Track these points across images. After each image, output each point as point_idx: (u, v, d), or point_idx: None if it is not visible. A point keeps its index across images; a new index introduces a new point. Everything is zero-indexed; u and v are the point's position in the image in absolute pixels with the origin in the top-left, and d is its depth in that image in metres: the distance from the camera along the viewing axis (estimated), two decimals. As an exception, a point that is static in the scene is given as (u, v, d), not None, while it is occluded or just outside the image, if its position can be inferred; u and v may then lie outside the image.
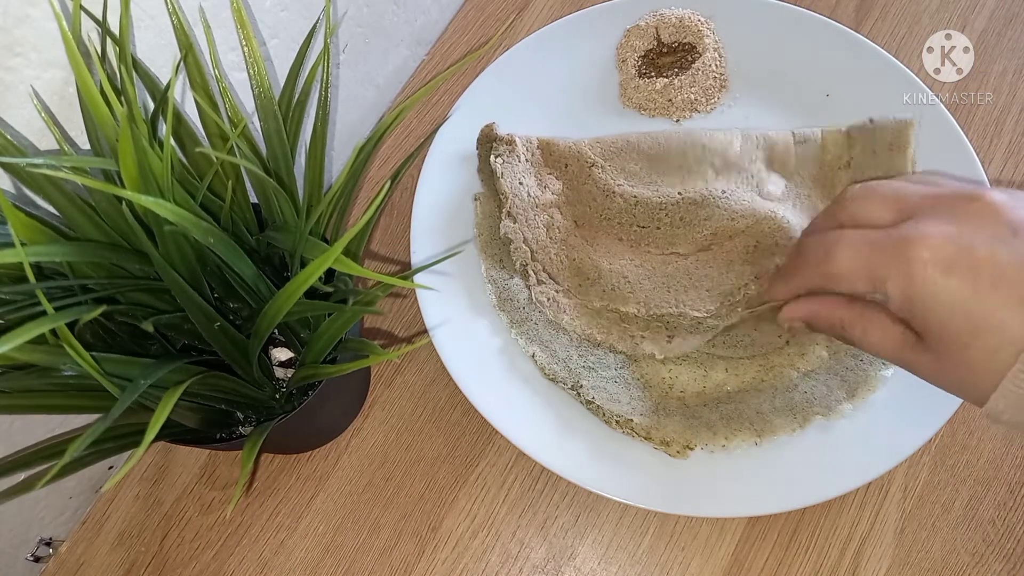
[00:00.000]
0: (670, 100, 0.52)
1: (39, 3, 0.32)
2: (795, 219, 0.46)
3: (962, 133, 0.47)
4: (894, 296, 0.30)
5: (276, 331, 0.41)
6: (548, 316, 0.45)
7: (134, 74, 0.33)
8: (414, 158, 0.41)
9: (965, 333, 0.28)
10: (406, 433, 0.47)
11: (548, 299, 0.44)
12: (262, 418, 0.39)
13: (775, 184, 0.48)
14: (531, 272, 0.45)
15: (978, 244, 0.28)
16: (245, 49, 0.36)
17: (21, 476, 0.31)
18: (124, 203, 0.30)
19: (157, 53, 0.38)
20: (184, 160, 0.37)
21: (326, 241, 0.38)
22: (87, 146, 0.34)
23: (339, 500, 0.45)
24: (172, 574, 0.45)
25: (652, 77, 0.52)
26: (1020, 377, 0.28)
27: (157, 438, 0.30)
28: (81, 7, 0.31)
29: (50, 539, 0.46)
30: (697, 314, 0.44)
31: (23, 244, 0.25)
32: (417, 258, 0.47)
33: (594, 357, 0.44)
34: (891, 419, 0.41)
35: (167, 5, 0.35)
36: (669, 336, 0.44)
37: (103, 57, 0.33)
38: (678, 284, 0.46)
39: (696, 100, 0.52)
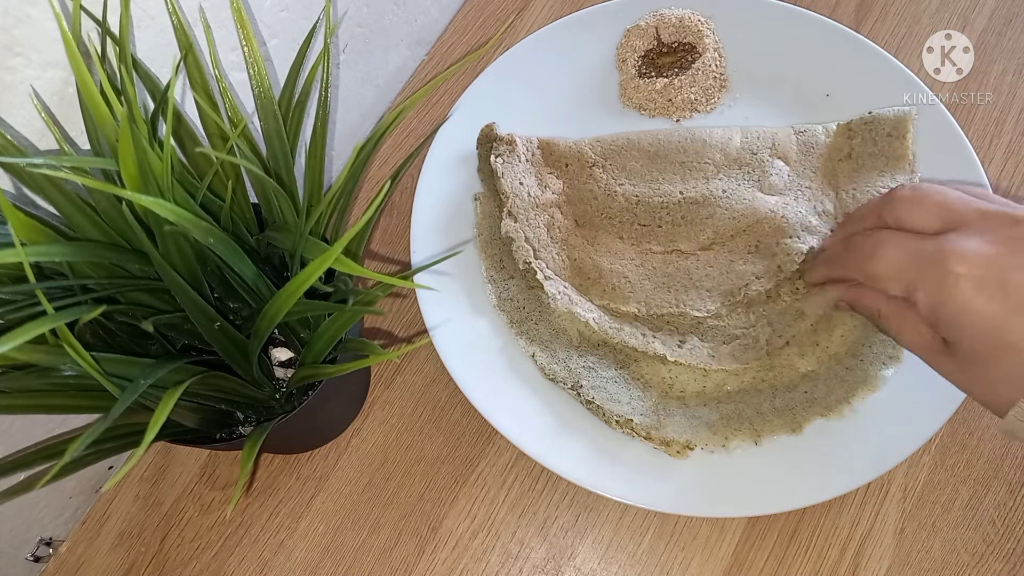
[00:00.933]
0: (670, 100, 0.52)
1: (39, 3, 0.32)
2: (796, 213, 0.46)
3: (962, 133, 0.47)
4: (922, 304, 0.32)
5: (276, 331, 0.41)
6: (560, 309, 0.44)
7: (134, 74, 0.33)
8: (414, 158, 0.41)
9: (989, 350, 0.30)
10: (406, 433, 0.47)
11: (559, 292, 0.44)
12: (262, 418, 0.39)
13: (778, 173, 0.48)
14: (537, 268, 0.45)
15: (1012, 267, 0.29)
16: (245, 49, 0.36)
17: (21, 476, 0.31)
18: (124, 203, 0.30)
19: (157, 53, 0.38)
20: (184, 160, 0.37)
21: (326, 241, 0.38)
22: (87, 146, 0.34)
23: (339, 500, 0.45)
24: (172, 574, 0.45)
25: (652, 77, 0.52)
26: None
27: (157, 438, 0.30)
28: (81, 7, 0.31)
29: (50, 539, 0.46)
30: (697, 314, 0.44)
31: (23, 244, 0.25)
32: (417, 258, 0.47)
33: (594, 357, 0.44)
34: (891, 419, 0.41)
35: (167, 5, 0.35)
36: (681, 341, 0.44)
37: (103, 57, 0.33)
38: (678, 284, 0.46)
39: (696, 100, 0.52)
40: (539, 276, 0.45)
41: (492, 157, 0.48)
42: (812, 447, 0.41)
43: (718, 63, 0.52)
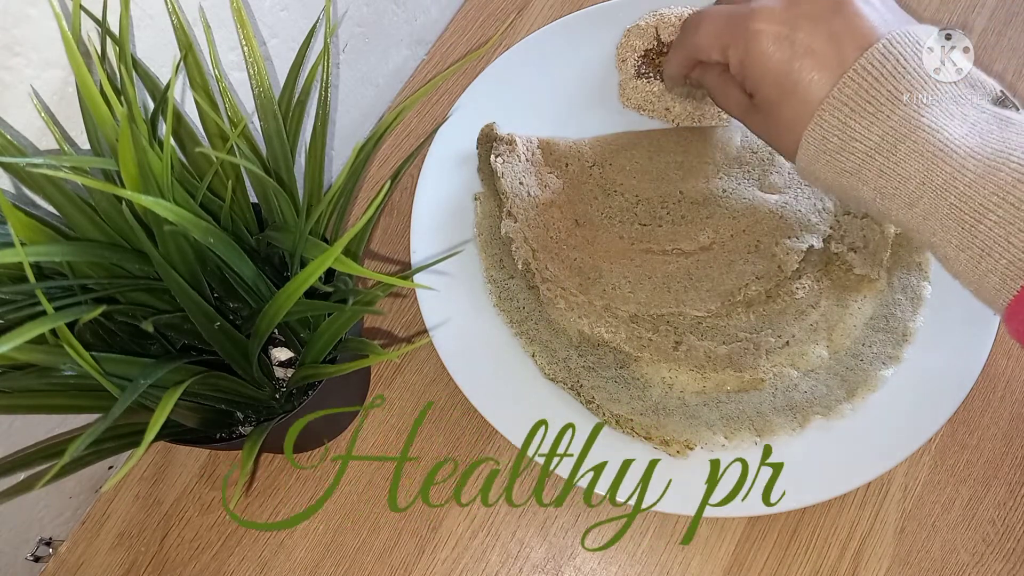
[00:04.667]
0: (668, 108, 0.52)
1: (39, 3, 0.32)
2: (796, 212, 0.46)
3: (962, 133, 0.47)
4: (734, 62, 0.36)
5: (276, 331, 0.41)
6: (554, 315, 0.45)
7: (134, 74, 0.33)
8: (414, 158, 0.41)
9: (779, 95, 0.34)
10: (406, 433, 0.47)
11: (555, 296, 0.44)
12: (262, 418, 0.39)
13: (778, 171, 0.48)
14: (535, 270, 0.45)
15: (801, 20, 0.34)
16: (245, 49, 0.36)
17: (21, 476, 0.31)
18: (124, 203, 0.30)
19: (157, 53, 0.38)
20: (184, 160, 0.37)
21: (326, 241, 0.38)
22: (87, 146, 0.34)
23: (339, 500, 0.45)
24: (172, 574, 0.45)
25: (652, 77, 0.52)
26: (814, 131, 0.34)
27: (157, 438, 0.30)
28: (81, 7, 0.31)
29: (50, 539, 0.46)
30: (697, 313, 0.44)
31: (23, 244, 0.26)
32: (417, 258, 0.47)
33: (594, 357, 0.44)
34: (891, 419, 0.41)
35: (167, 5, 0.35)
36: (676, 343, 0.44)
37: (103, 57, 0.33)
38: (678, 284, 0.46)
39: (696, 100, 0.51)
40: (536, 279, 0.45)
41: (492, 157, 0.48)
42: (812, 447, 0.41)
43: (718, 63, 0.52)
